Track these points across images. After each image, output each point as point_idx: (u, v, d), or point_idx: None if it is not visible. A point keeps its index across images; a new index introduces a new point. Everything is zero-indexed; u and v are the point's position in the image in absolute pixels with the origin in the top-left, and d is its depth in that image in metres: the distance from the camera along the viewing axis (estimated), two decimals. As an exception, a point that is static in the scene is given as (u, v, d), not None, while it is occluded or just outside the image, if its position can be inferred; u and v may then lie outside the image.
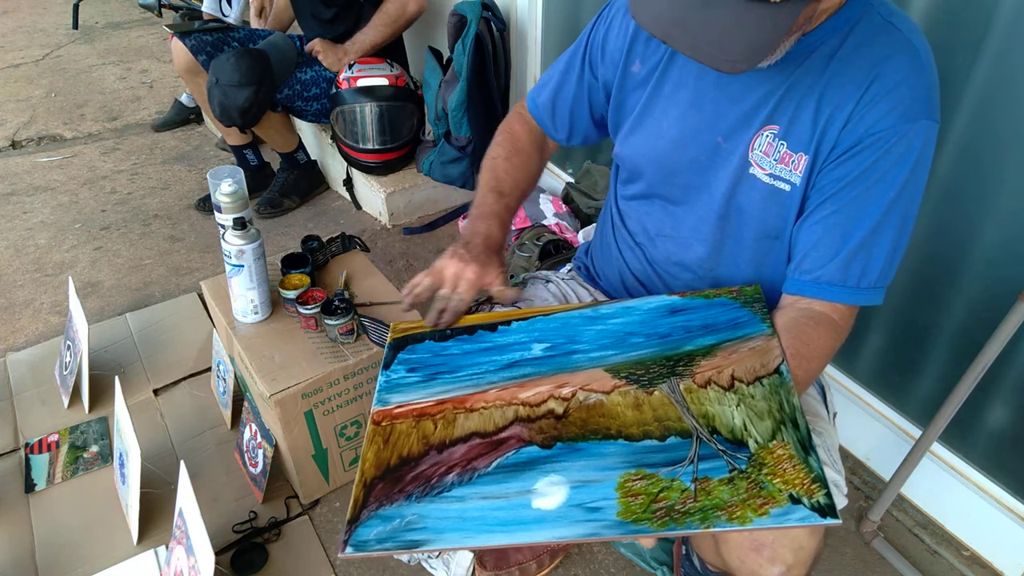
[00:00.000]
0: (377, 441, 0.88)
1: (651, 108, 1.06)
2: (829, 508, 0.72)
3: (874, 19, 0.90)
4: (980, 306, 1.35)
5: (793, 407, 0.83)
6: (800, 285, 0.97)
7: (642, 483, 0.78)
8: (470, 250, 1.08)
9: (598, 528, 0.74)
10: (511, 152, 1.21)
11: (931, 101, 0.89)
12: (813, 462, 0.77)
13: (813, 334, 0.94)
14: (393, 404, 0.94)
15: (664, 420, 0.85)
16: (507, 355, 0.99)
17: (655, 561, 1.41)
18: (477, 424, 0.89)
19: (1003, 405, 1.38)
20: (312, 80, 2.45)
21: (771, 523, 0.72)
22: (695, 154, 1.02)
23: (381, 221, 2.56)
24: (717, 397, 0.87)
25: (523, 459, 0.83)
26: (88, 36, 4.32)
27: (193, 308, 2.08)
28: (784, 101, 0.94)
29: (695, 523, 0.73)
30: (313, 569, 1.43)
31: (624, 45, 1.07)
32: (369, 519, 0.79)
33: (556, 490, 0.79)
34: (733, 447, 0.81)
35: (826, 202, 0.93)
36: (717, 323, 0.98)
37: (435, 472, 0.83)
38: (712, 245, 1.06)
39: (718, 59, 0.79)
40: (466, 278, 1.05)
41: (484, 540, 0.76)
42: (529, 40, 2.39)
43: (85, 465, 1.61)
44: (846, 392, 1.63)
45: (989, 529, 1.44)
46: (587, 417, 0.87)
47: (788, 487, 0.75)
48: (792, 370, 0.88)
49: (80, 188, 2.77)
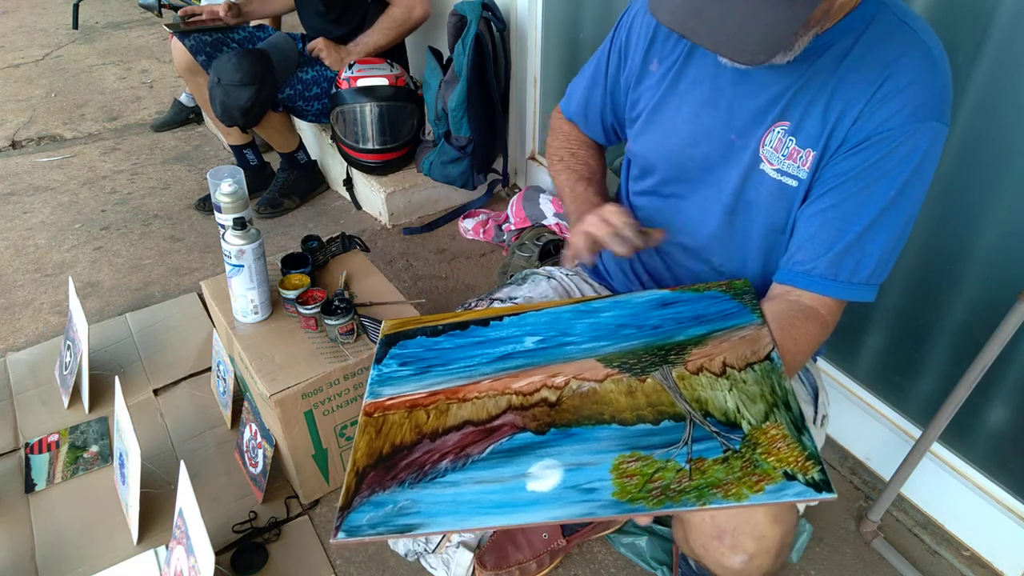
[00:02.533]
0: (369, 431, 0.88)
1: (665, 105, 1.06)
2: (824, 483, 0.73)
3: (888, 18, 0.90)
4: (980, 306, 1.35)
5: (785, 390, 0.84)
6: (792, 275, 0.98)
7: (637, 464, 0.78)
8: (587, 210, 1.07)
9: (593, 508, 0.75)
10: (574, 147, 1.26)
11: (943, 102, 0.89)
12: (807, 440, 0.78)
13: (801, 328, 0.95)
14: (385, 396, 0.94)
15: (657, 405, 0.85)
16: (499, 348, 0.99)
17: (655, 561, 1.41)
18: (470, 413, 0.89)
19: (1003, 405, 1.38)
20: (313, 80, 2.45)
21: (767, 499, 0.73)
22: (708, 150, 1.03)
23: (381, 221, 2.56)
24: (709, 383, 0.87)
25: (517, 445, 0.83)
26: (88, 36, 4.32)
27: (193, 308, 2.09)
28: (797, 98, 0.94)
29: (691, 501, 0.74)
30: (313, 569, 1.43)
31: (644, 44, 1.08)
32: (361, 505, 0.79)
33: (551, 473, 0.79)
34: (727, 429, 0.81)
35: (826, 195, 0.94)
36: (707, 314, 0.98)
37: (428, 459, 0.83)
38: (721, 239, 1.07)
39: (736, 51, 0.80)
40: (608, 211, 1.02)
41: (479, 522, 0.76)
42: (529, 40, 2.39)
43: (85, 465, 1.62)
44: (846, 392, 1.63)
45: (989, 529, 1.44)
46: (580, 404, 0.87)
47: (782, 465, 0.76)
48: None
49: (80, 188, 2.77)
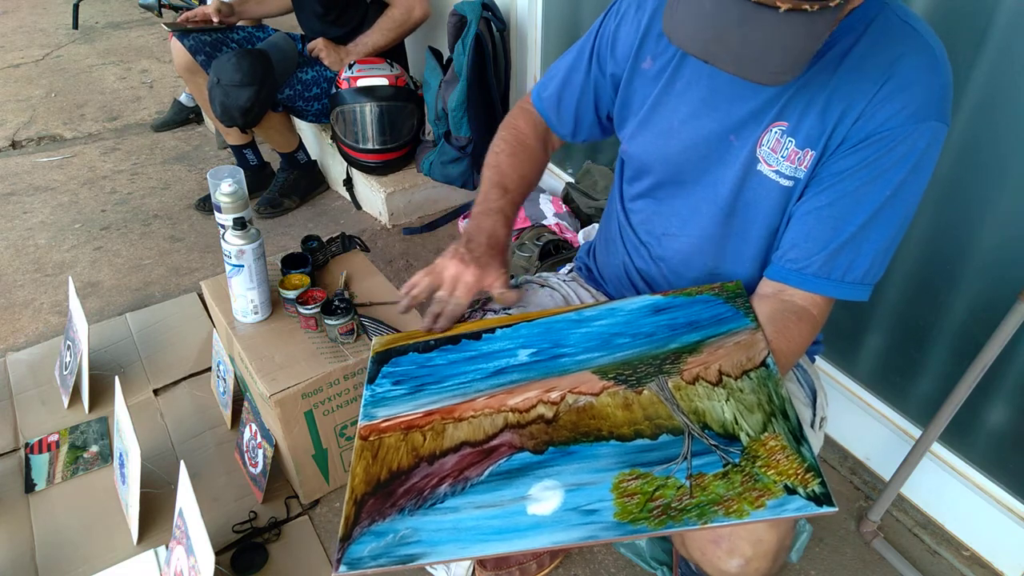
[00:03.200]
0: (366, 456, 0.87)
1: (661, 105, 1.05)
2: (825, 496, 0.73)
3: (890, 19, 0.90)
4: (980, 306, 1.35)
5: (782, 398, 0.84)
6: (785, 273, 0.97)
7: (637, 482, 0.78)
8: (471, 250, 1.06)
9: (596, 531, 0.74)
10: (515, 148, 1.19)
11: (943, 102, 0.89)
12: (806, 451, 0.78)
13: (795, 329, 0.95)
14: (380, 418, 0.92)
15: (655, 419, 0.85)
16: (493, 362, 0.98)
17: (655, 561, 1.41)
18: (467, 433, 0.87)
19: (1003, 405, 1.38)
20: (313, 80, 2.45)
21: (768, 515, 0.73)
22: (705, 151, 1.02)
23: (381, 221, 2.56)
24: (706, 393, 0.87)
25: (516, 465, 0.82)
26: (88, 36, 4.32)
27: (193, 308, 2.08)
28: (795, 98, 0.93)
29: (692, 519, 0.73)
30: (313, 569, 1.43)
31: (636, 40, 1.06)
32: (362, 536, 0.78)
33: (551, 495, 0.78)
34: (725, 441, 0.81)
35: (822, 193, 0.93)
36: (701, 319, 0.98)
37: (427, 484, 0.82)
38: (717, 242, 1.06)
39: (761, 73, 0.78)
40: (464, 281, 1.03)
41: (480, 550, 0.75)
42: (529, 40, 2.39)
43: (85, 465, 1.61)
44: (846, 392, 1.63)
45: (989, 529, 1.44)
46: (577, 420, 0.87)
47: (783, 478, 0.75)
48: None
49: (80, 188, 2.77)
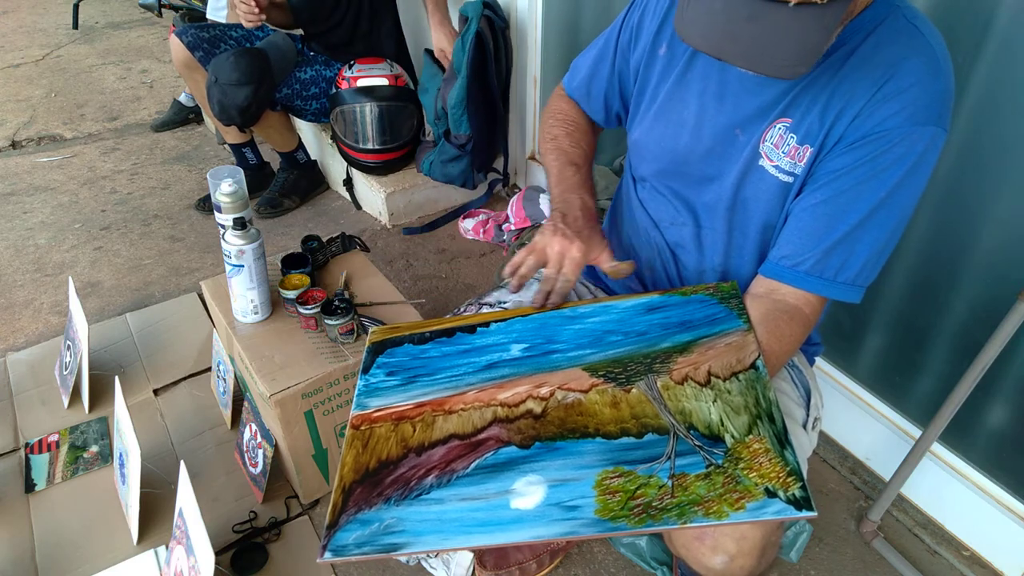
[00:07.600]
0: (356, 445, 0.88)
1: (673, 98, 1.06)
2: (805, 500, 0.73)
3: (898, 20, 0.90)
4: (980, 306, 1.35)
5: (769, 402, 0.84)
6: (778, 270, 0.98)
7: (620, 480, 0.79)
8: (571, 224, 1.05)
9: (576, 527, 0.75)
10: (570, 128, 1.22)
11: (943, 107, 0.89)
12: (789, 455, 0.78)
13: (787, 330, 0.95)
14: (372, 408, 0.94)
15: (641, 417, 0.85)
16: (486, 356, 0.99)
17: (655, 561, 1.41)
18: (456, 426, 0.89)
19: (1003, 405, 1.38)
20: (311, 79, 2.45)
21: (747, 517, 0.73)
22: (712, 145, 1.03)
23: (381, 221, 2.56)
24: (694, 393, 0.87)
25: (502, 459, 0.83)
26: (88, 36, 4.32)
27: (193, 308, 2.09)
28: (800, 96, 0.94)
29: (672, 519, 0.74)
30: (313, 569, 1.43)
31: (655, 27, 1.07)
32: (348, 523, 0.79)
33: (534, 490, 0.79)
34: (710, 442, 0.81)
35: (818, 190, 0.94)
36: (694, 320, 0.98)
37: (414, 474, 0.83)
38: (721, 235, 1.07)
39: (774, 68, 0.79)
40: (572, 257, 1.02)
41: (462, 542, 0.76)
42: (529, 40, 2.38)
43: (85, 465, 1.61)
44: (846, 392, 1.63)
45: (989, 529, 1.44)
46: (565, 416, 0.87)
47: (764, 481, 0.76)
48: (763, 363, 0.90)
49: (80, 188, 2.77)
